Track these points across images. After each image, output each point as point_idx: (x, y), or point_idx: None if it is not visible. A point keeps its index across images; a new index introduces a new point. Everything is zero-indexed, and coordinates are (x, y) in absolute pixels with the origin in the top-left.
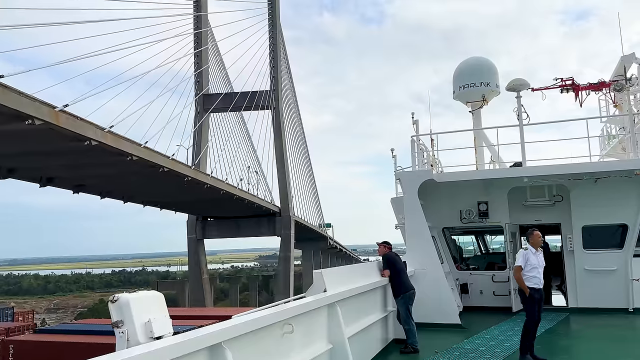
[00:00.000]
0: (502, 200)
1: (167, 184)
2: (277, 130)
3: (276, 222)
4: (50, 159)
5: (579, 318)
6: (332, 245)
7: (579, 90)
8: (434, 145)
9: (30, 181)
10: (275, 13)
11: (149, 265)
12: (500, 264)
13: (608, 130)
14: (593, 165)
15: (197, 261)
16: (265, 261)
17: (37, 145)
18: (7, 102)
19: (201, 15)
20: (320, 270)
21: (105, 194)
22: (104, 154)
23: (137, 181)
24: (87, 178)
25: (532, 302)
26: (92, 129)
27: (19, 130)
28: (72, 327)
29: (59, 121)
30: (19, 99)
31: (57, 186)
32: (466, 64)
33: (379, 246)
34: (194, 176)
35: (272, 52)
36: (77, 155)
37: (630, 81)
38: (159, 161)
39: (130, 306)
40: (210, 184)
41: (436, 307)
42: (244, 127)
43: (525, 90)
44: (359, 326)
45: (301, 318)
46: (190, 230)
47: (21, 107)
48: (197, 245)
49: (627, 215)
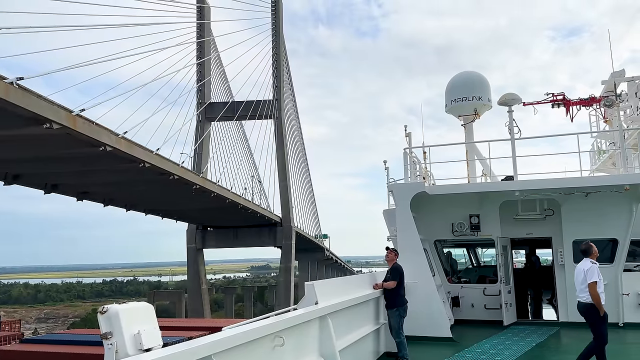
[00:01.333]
0: (494, 213)
1: (174, 192)
2: (279, 140)
3: (277, 232)
4: (59, 165)
5: (570, 332)
6: (328, 256)
7: (569, 106)
8: (426, 157)
9: (35, 187)
10: (278, 22)
11: (139, 275)
12: (492, 277)
13: (598, 145)
14: (584, 180)
15: (197, 271)
16: (257, 272)
17: (52, 150)
18: (27, 105)
19: (204, 24)
20: (311, 282)
21: (109, 202)
22: (115, 161)
23: (144, 189)
24: (92, 185)
25: (605, 322)
26: (106, 134)
27: (34, 135)
28: (59, 337)
29: (75, 125)
30: (38, 102)
31: (61, 193)
32: (459, 78)
33: (389, 253)
34: (201, 184)
35: (275, 61)
36: (89, 161)
37: (620, 97)
38: (169, 168)
39: (120, 317)
40: (217, 193)
41: (427, 320)
42: (244, 136)
43: (517, 104)
44: (351, 339)
45: (292, 330)
46: (190, 239)
47: (40, 111)
48: (196, 255)
49: (617, 229)
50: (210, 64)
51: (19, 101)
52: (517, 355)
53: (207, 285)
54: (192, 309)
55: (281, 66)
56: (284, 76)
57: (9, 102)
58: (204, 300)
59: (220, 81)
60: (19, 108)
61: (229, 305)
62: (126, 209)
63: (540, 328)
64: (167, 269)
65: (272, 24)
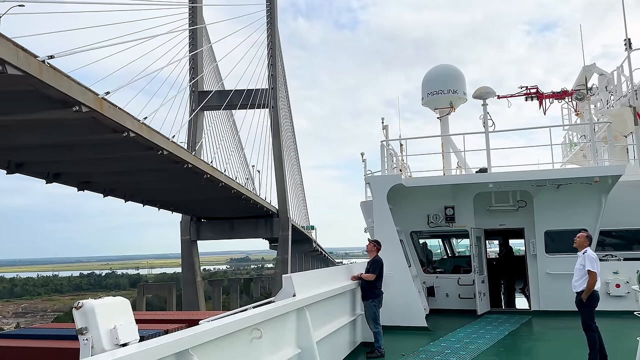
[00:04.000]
0: (468, 205)
1: (183, 181)
2: (275, 130)
3: (273, 223)
4: (66, 153)
5: (542, 320)
6: (315, 248)
7: (542, 99)
8: (403, 150)
9: (37, 177)
10: (273, 10)
11: (116, 268)
12: (466, 267)
13: (570, 138)
14: (555, 172)
15: (191, 263)
16: (237, 264)
17: (73, 136)
18: (59, 86)
19: (195, 12)
20: (289, 275)
21: (109, 193)
22: (135, 147)
23: (150, 178)
24: (96, 175)
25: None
26: (130, 119)
27: (57, 119)
28: (34, 331)
29: (102, 109)
30: (69, 83)
31: (63, 183)
32: (434, 72)
33: (372, 245)
34: (211, 174)
35: (271, 49)
36: (104, 148)
37: (591, 91)
38: (184, 156)
39: (95, 313)
40: (225, 183)
41: (403, 310)
42: (234, 126)
43: (491, 98)
44: (328, 330)
45: (270, 323)
46: (184, 231)
47: (71, 92)
48: (191, 247)
49: (587, 220)
50: (203, 52)
51: (51, 81)
52: (490, 344)
53: (202, 278)
54: (187, 302)
55: (276, 54)
56: (278, 65)
57: (43, 82)
58: (199, 293)
59: (212, 69)
60: (51, 89)
61: (216, 298)
62: (125, 200)
63: (512, 317)
64: (144, 262)
65: (267, 11)
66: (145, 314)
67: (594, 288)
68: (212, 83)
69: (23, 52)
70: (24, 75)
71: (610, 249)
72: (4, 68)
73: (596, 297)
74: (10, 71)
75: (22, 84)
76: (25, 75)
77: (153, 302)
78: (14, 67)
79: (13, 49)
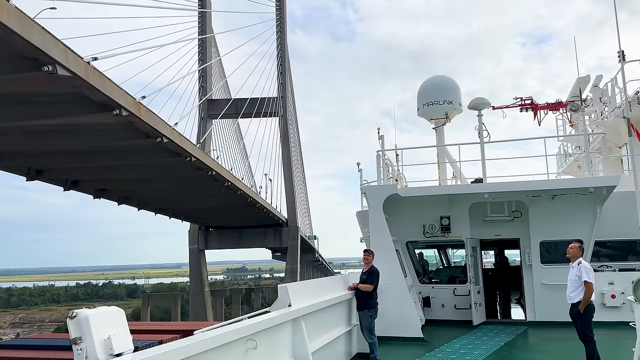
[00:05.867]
0: (464, 215)
1: (202, 189)
2: (285, 138)
3: (282, 232)
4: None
5: (537, 331)
6: (317, 258)
7: (537, 110)
8: (398, 160)
9: (55, 184)
10: (282, 19)
11: (111, 277)
12: (462, 277)
13: (565, 149)
14: (550, 182)
15: (199, 273)
16: (234, 274)
17: (106, 141)
18: (103, 88)
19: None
20: (284, 285)
21: (123, 200)
22: (164, 153)
23: (170, 186)
24: (114, 182)
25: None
26: (163, 124)
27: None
28: (29, 342)
29: (140, 113)
30: (112, 86)
31: (80, 190)
32: (430, 82)
33: (369, 255)
34: (232, 181)
35: (280, 58)
36: (134, 154)
37: (585, 102)
38: (209, 164)
39: (90, 322)
40: (243, 191)
41: (399, 321)
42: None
43: (486, 109)
44: (323, 340)
45: (265, 333)
46: (192, 240)
47: (113, 95)
48: (199, 256)
49: (582, 231)
50: (212, 59)
51: (97, 83)
52: (486, 355)
53: (210, 288)
54: (195, 312)
55: (285, 62)
56: (287, 74)
57: (89, 83)
58: (207, 303)
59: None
60: (95, 91)
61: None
62: (138, 208)
63: (508, 327)
64: (139, 272)
65: (277, 20)
66: (140, 324)
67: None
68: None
69: (71, 53)
70: (72, 77)
71: (605, 259)
72: (54, 68)
73: (592, 307)
74: (60, 72)
75: (67, 86)
76: (73, 76)
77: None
78: (64, 67)
79: (63, 49)
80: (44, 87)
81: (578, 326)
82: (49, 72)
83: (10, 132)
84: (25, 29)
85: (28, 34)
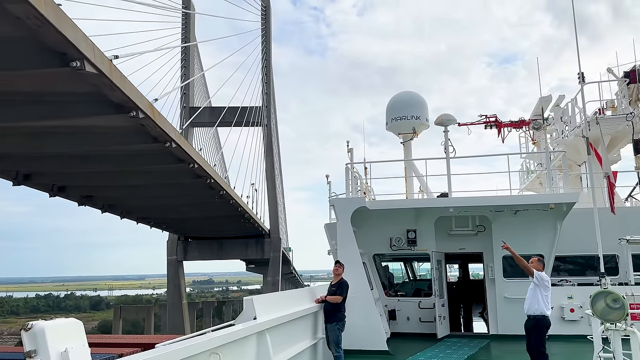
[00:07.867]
0: (429, 228)
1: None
2: (269, 148)
3: (265, 243)
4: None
5: (499, 344)
6: (291, 270)
7: (501, 127)
8: (367, 173)
9: (41, 189)
10: (268, 27)
11: (72, 289)
12: (427, 290)
13: (527, 166)
14: (513, 198)
15: (177, 285)
16: (200, 287)
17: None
18: (124, 88)
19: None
20: (250, 297)
21: (107, 209)
22: (168, 158)
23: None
24: (101, 189)
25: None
26: (172, 128)
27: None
28: None
29: (154, 116)
30: (131, 86)
31: (65, 197)
32: (398, 98)
33: (339, 267)
34: (227, 190)
35: (265, 67)
36: (134, 158)
37: (547, 121)
38: (209, 171)
39: (46, 335)
40: (235, 200)
41: (364, 334)
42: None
43: (452, 125)
44: (289, 354)
45: (229, 347)
46: (171, 251)
47: (132, 95)
48: (177, 268)
49: (543, 246)
50: (194, 68)
51: (119, 82)
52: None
53: (187, 300)
54: (173, 325)
55: (270, 72)
56: (272, 83)
57: (112, 82)
58: (184, 316)
59: (202, 85)
60: (115, 91)
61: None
62: (121, 217)
63: (472, 340)
64: (102, 283)
65: (262, 29)
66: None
67: (546, 314)
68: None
69: (97, 49)
70: (97, 74)
71: (565, 274)
72: (82, 64)
73: (548, 322)
74: (88, 68)
75: (88, 84)
76: (98, 74)
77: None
78: (92, 64)
79: (90, 45)
80: (63, 85)
81: (532, 339)
82: (77, 67)
83: (9, 133)
84: (61, 21)
85: (63, 27)
